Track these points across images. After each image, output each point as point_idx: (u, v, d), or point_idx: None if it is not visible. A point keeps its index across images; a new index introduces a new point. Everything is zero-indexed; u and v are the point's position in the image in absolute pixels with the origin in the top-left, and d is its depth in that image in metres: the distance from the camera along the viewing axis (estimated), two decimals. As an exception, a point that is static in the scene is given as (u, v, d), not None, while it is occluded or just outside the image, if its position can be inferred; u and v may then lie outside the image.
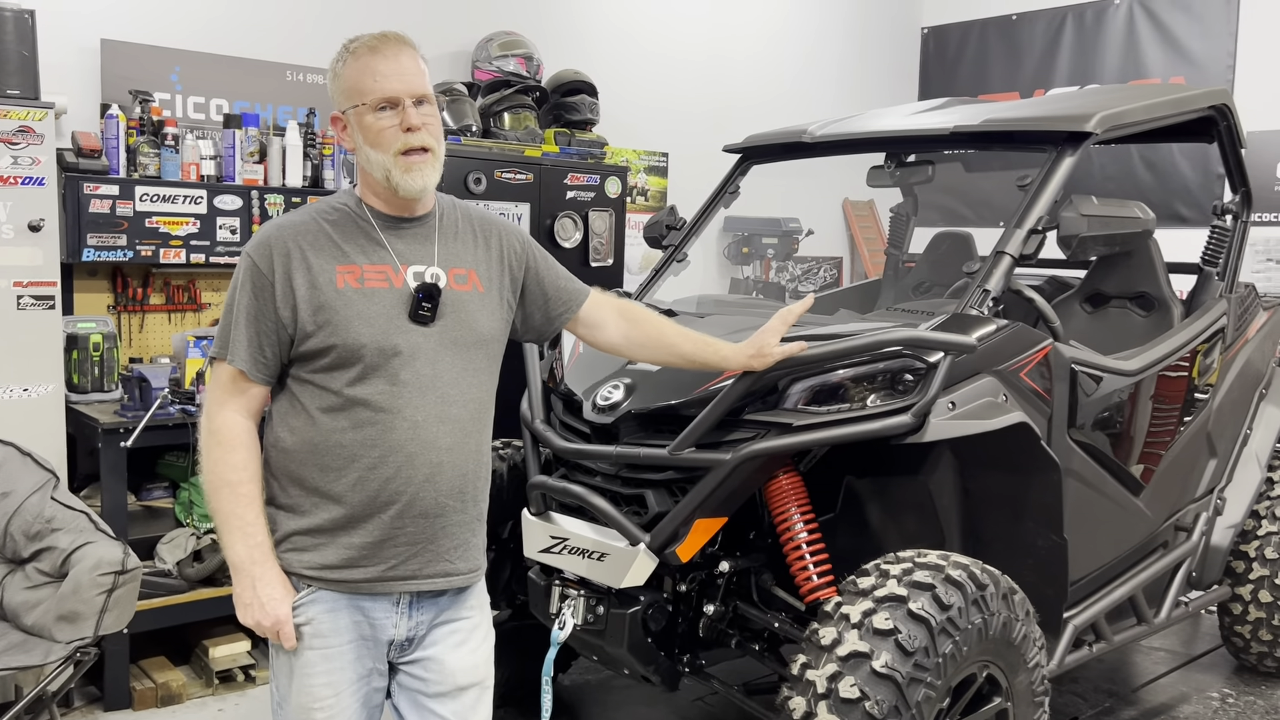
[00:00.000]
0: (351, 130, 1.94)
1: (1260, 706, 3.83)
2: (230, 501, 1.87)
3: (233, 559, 1.87)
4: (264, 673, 4.12)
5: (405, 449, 1.89)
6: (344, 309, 1.87)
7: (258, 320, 1.88)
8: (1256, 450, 3.87)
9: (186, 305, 4.44)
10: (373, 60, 1.90)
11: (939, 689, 2.28)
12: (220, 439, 1.89)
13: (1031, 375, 2.80)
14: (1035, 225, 2.88)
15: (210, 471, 1.89)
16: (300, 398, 1.91)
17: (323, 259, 1.90)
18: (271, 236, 1.92)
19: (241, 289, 1.90)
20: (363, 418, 1.88)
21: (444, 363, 1.93)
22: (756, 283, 6.44)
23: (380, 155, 1.89)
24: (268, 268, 1.88)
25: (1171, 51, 6.38)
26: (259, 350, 1.89)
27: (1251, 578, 3.83)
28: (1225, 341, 3.67)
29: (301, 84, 4.69)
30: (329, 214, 1.97)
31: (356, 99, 1.90)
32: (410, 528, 1.92)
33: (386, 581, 1.93)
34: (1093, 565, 3.11)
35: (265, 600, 1.86)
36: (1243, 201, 3.82)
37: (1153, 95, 3.38)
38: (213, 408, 1.92)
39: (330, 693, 1.92)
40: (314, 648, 1.91)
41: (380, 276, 1.91)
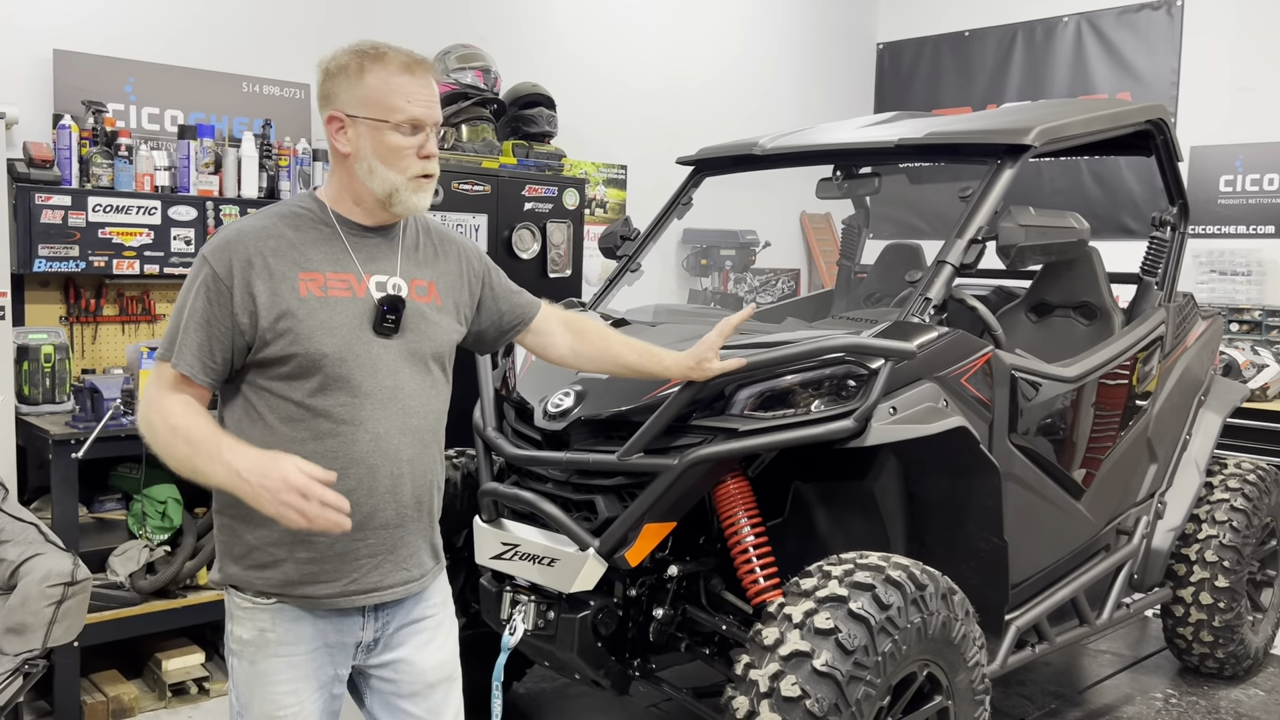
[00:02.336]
0: (356, 137, 1.88)
1: (1202, 706, 3.91)
2: (185, 442, 1.75)
3: (220, 480, 1.73)
4: (218, 685, 4.10)
5: (367, 461, 1.87)
6: (306, 318, 1.84)
7: (209, 325, 1.83)
8: (1195, 455, 3.97)
9: (140, 316, 4.42)
10: (406, 81, 1.88)
11: (879, 687, 2.33)
12: (156, 407, 1.81)
13: (972, 381, 2.87)
14: (975, 235, 2.96)
15: (160, 442, 1.78)
16: (256, 406, 1.88)
17: (284, 265, 1.86)
18: (232, 241, 1.86)
19: (196, 293, 1.85)
20: (324, 429, 1.85)
21: (404, 374, 1.92)
22: (714, 294, 6.51)
23: (391, 174, 1.88)
24: (226, 273, 1.83)
25: (1118, 68, 6.54)
26: (209, 355, 1.84)
27: (1192, 580, 3.92)
28: (1164, 349, 3.77)
29: (258, 95, 4.69)
30: (291, 219, 1.92)
31: (379, 113, 1.86)
32: (371, 539, 1.90)
33: (349, 596, 1.91)
34: (1035, 568, 3.19)
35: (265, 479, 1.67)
36: (1180, 213, 3.93)
37: (1091, 110, 3.48)
38: (149, 395, 1.86)
39: (294, 700, 1.91)
40: (279, 655, 1.90)
41: (344, 285, 1.89)
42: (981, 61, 7.17)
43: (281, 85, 4.76)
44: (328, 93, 1.91)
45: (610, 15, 6.25)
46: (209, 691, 4.06)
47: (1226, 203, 6.07)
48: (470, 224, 4.85)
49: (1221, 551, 3.90)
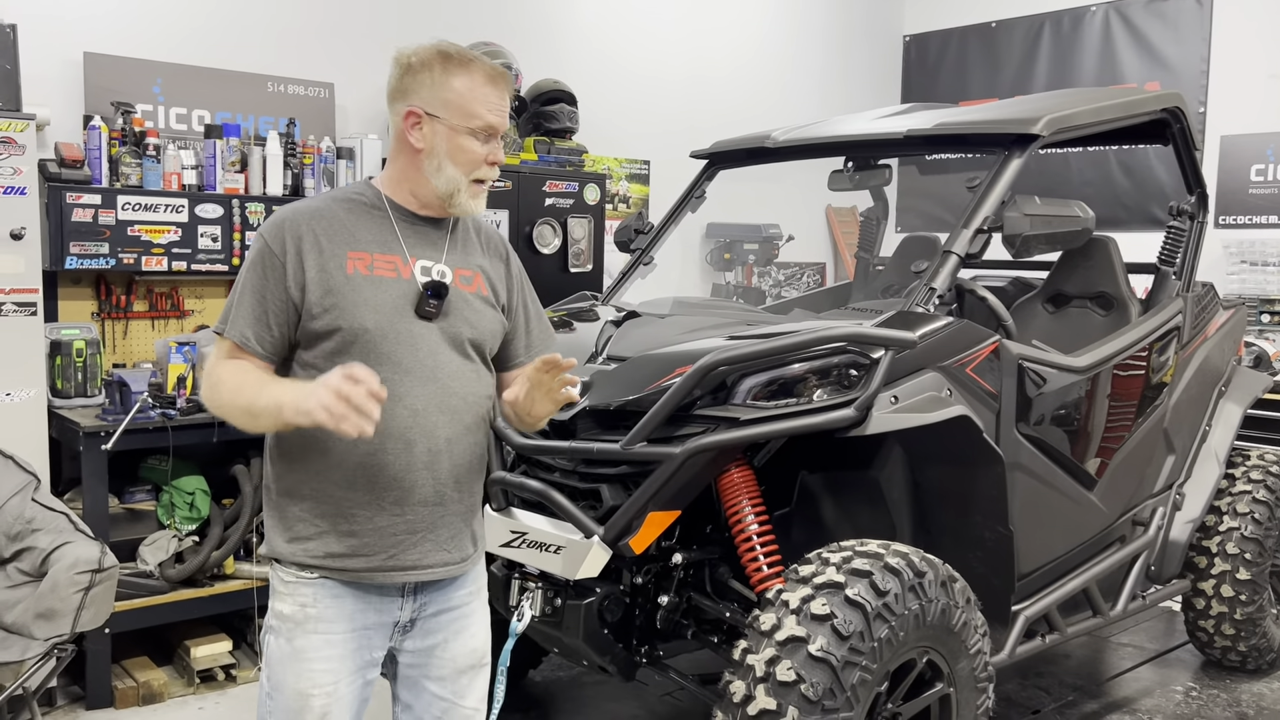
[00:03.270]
0: (432, 135, 1.95)
1: (1223, 700, 3.88)
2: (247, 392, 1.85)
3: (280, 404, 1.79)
4: (245, 672, 4.19)
5: (404, 435, 1.92)
6: (351, 294, 1.91)
7: (264, 298, 1.91)
8: (1215, 447, 3.94)
9: (169, 312, 4.53)
10: (490, 91, 1.96)
11: (875, 673, 2.35)
12: (216, 376, 1.91)
13: (978, 371, 2.88)
14: (981, 225, 2.96)
15: (228, 401, 1.87)
16: (298, 376, 1.94)
17: (335, 243, 1.94)
18: (286, 218, 1.96)
19: (251, 268, 1.93)
20: None
21: (443, 355, 1.98)
22: (738, 288, 6.52)
23: (457, 173, 1.96)
24: (279, 248, 1.92)
25: (1147, 57, 6.46)
26: (264, 325, 1.91)
27: (1214, 573, 3.88)
28: (1181, 339, 3.74)
29: (282, 95, 4.79)
30: (345, 202, 2.01)
31: (459, 117, 1.94)
32: (410, 515, 1.95)
33: (388, 571, 1.96)
34: (1045, 558, 3.18)
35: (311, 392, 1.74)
36: (1198, 203, 3.89)
37: (1103, 99, 3.46)
38: (210, 364, 1.95)
39: (330, 679, 1.94)
40: (318, 632, 1.94)
41: (389, 266, 1.96)
42: (1009, 53, 7.11)
43: (306, 85, 4.84)
44: (406, 87, 1.97)
45: (632, 10, 6.29)
46: (236, 679, 4.15)
47: (1258, 192, 5.97)
48: (491, 219, 4.91)
49: (1243, 544, 3.86)
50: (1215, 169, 6.12)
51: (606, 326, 3.26)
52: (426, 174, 1.97)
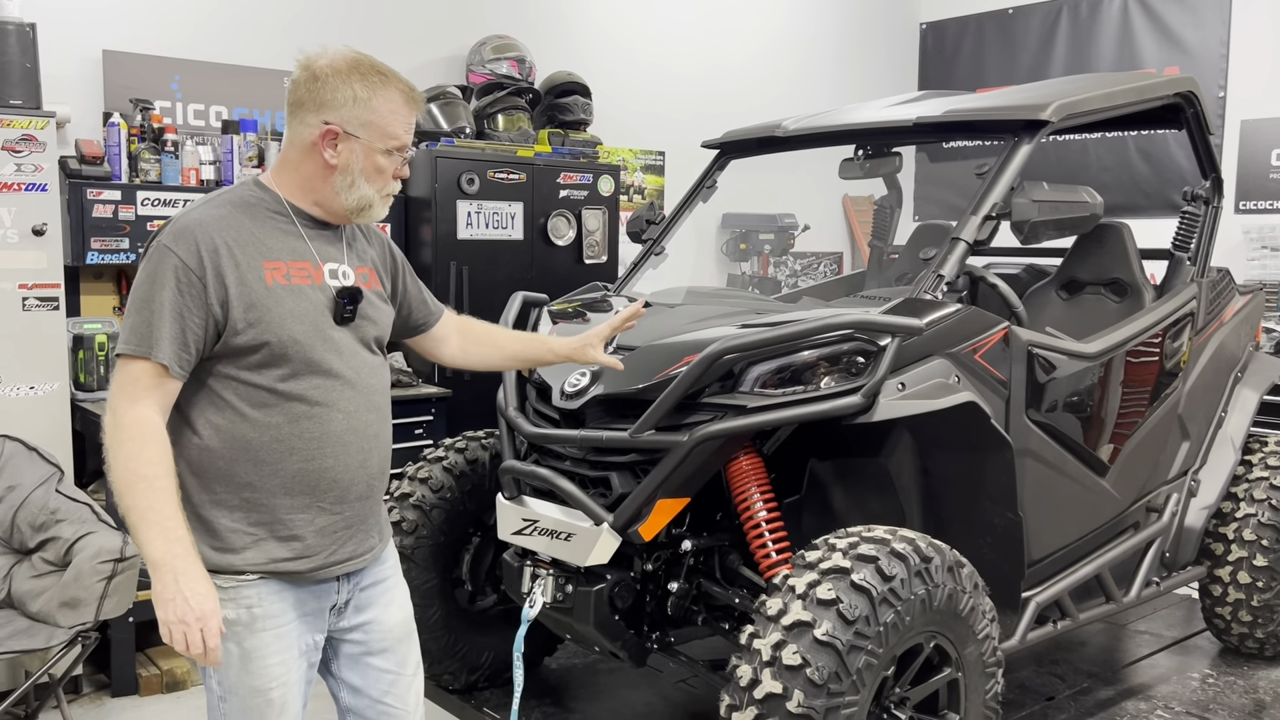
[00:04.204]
0: (348, 154, 1.93)
1: (1240, 686, 3.86)
2: (147, 496, 1.80)
3: (152, 555, 1.80)
4: (266, 659, 4.25)
5: (342, 439, 1.97)
6: (275, 306, 1.89)
7: (183, 316, 1.84)
8: (1231, 433, 3.91)
9: (189, 306, 4.59)
10: (407, 111, 1.97)
11: (881, 657, 2.37)
12: (132, 434, 1.82)
13: (987, 357, 2.88)
14: (990, 212, 2.96)
15: (122, 468, 1.81)
16: (223, 394, 1.91)
17: (248, 254, 1.90)
18: (194, 229, 1.87)
19: (162, 284, 1.84)
20: (298, 412, 1.92)
21: (361, 356, 2.02)
22: (753, 278, 6.53)
23: (369, 189, 1.96)
24: (195, 263, 1.85)
25: (1166, 42, 6.41)
26: (184, 346, 1.85)
27: (1230, 559, 3.86)
28: (1196, 325, 3.72)
29: (298, 90, 4.83)
30: (245, 208, 1.95)
31: (378, 138, 1.94)
32: (348, 512, 2.00)
33: (330, 567, 2.00)
34: (1056, 544, 3.18)
35: (190, 595, 1.79)
36: (1213, 188, 3.87)
37: (1114, 84, 3.44)
38: (122, 404, 1.84)
39: (283, 670, 1.97)
40: (267, 629, 1.95)
41: (303, 274, 1.95)
42: (1025, 39, 7.07)
43: (322, 80, 4.88)
44: (322, 99, 1.92)
45: (648, 1, 6.29)
46: (257, 666, 4.22)
47: (1279, 177, 5.91)
48: (506, 212, 4.94)
49: (1260, 530, 3.84)
50: (1235, 154, 6.07)
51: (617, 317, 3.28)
52: (337, 189, 1.95)
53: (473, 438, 3.53)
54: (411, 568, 3.29)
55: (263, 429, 1.91)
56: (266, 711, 1.96)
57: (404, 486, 3.38)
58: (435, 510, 3.34)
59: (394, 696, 2.16)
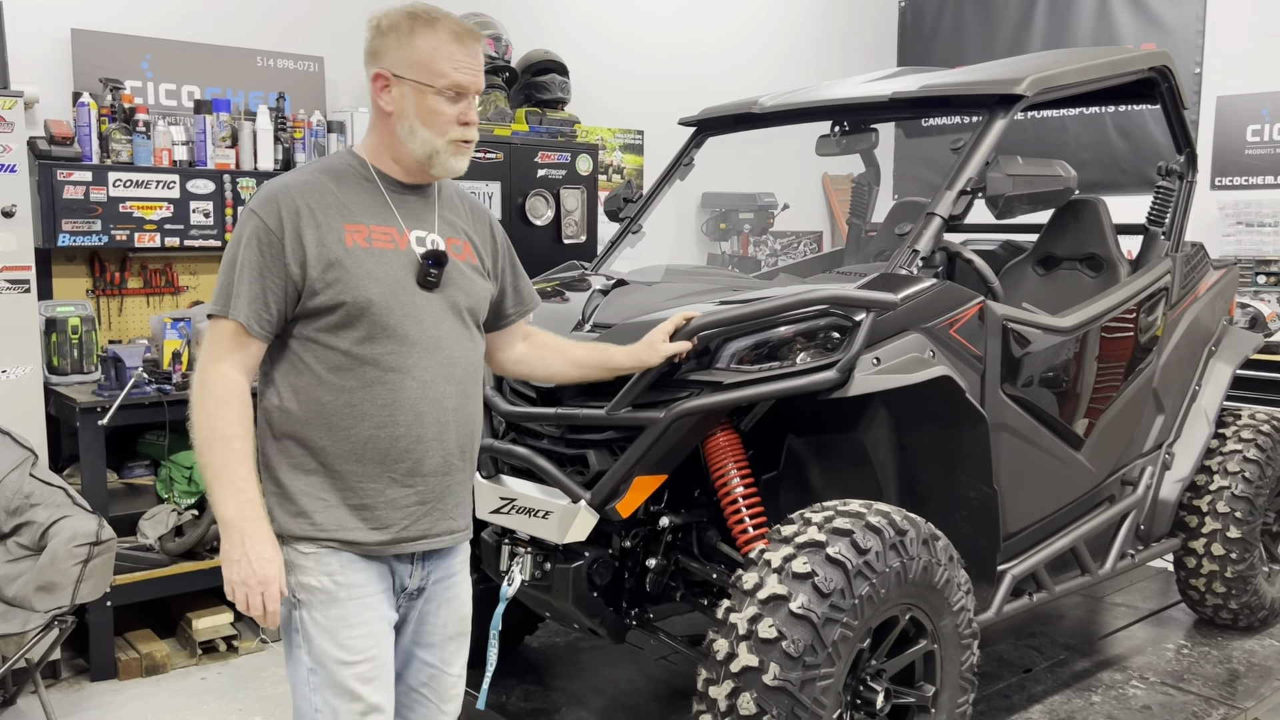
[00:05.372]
0: (400, 97, 1.93)
1: (1214, 657, 3.91)
2: (224, 456, 1.82)
3: (223, 514, 1.83)
4: (246, 643, 4.25)
5: (415, 408, 1.92)
6: (354, 267, 1.88)
7: (263, 276, 1.87)
8: (1205, 406, 3.94)
9: (164, 289, 4.56)
10: (454, 48, 1.93)
11: (856, 629, 2.38)
12: (214, 393, 1.85)
13: (962, 332, 2.89)
14: (965, 187, 2.96)
15: (202, 425, 1.85)
16: (303, 357, 1.91)
17: (330, 216, 1.90)
18: (278, 193, 1.90)
19: (246, 245, 1.88)
20: (371, 376, 1.90)
21: (446, 325, 1.98)
22: (733, 257, 6.53)
23: (431, 135, 1.93)
24: (276, 224, 1.87)
25: (1143, 19, 6.42)
26: (264, 306, 1.87)
27: (1204, 531, 3.90)
28: (1170, 299, 3.74)
29: (272, 69, 4.79)
30: (332, 174, 1.97)
31: (424, 76, 1.91)
32: (420, 486, 1.95)
33: (400, 543, 1.96)
34: (1031, 517, 3.20)
35: (254, 558, 1.81)
36: (1187, 163, 3.88)
37: (1089, 58, 3.44)
38: (207, 362, 1.88)
39: (371, 644, 1.94)
40: (353, 598, 1.92)
41: (386, 238, 1.94)
42: (1004, 16, 7.07)
43: (295, 59, 4.84)
44: (375, 50, 1.95)
45: (624, -20, 6.26)
46: (237, 649, 4.21)
47: (1254, 153, 5.95)
48: (483, 191, 4.91)
49: (1233, 503, 3.87)
50: (1211, 130, 6.10)
51: (594, 295, 3.27)
52: (401, 138, 1.95)
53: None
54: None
55: (337, 392, 1.90)
56: (355, 685, 1.92)
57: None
58: (413, 490, 3.33)
59: (431, 690, 2.13)
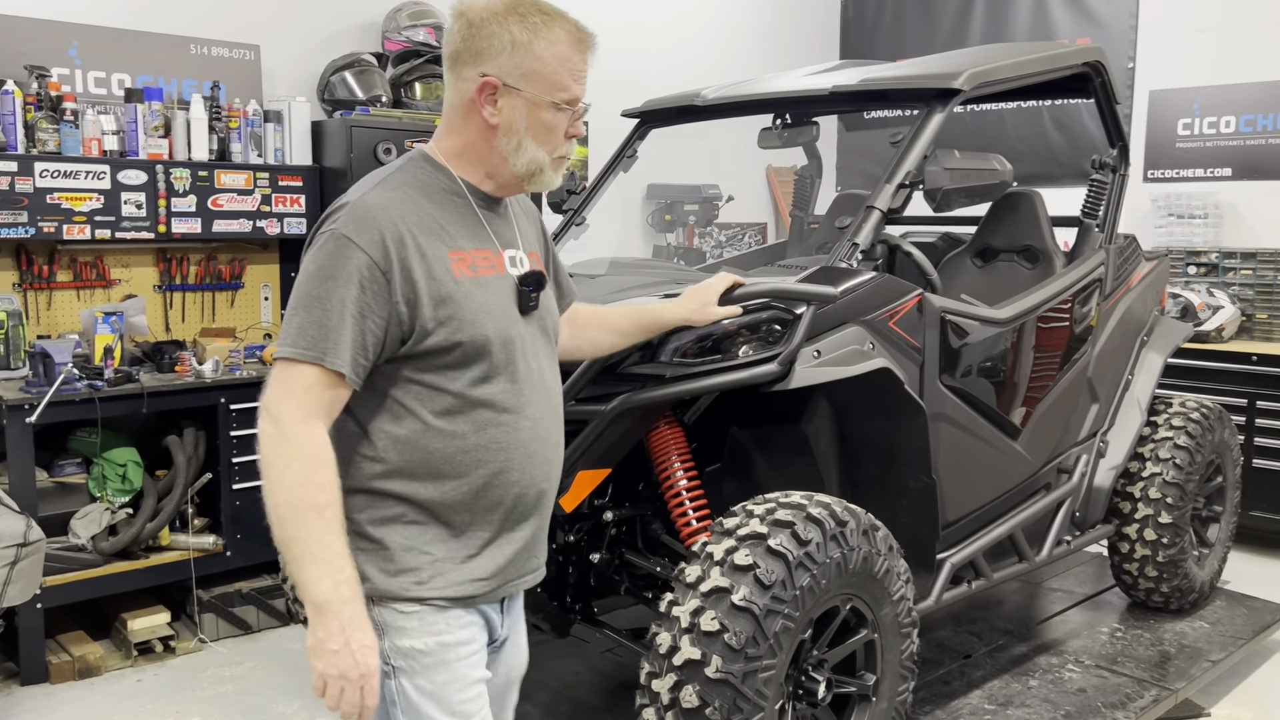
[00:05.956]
0: (510, 110, 1.70)
1: (1146, 639, 4.00)
2: (316, 529, 1.57)
3: (315, 597, 1.57)
4: (184, 643, 4.18)
5: (528, 448, 1.75)
6: (466, 302, 1.67)
7: (363, 317, 1.61)
8: (1138, 395, 4.03)
9: (95, 282, 4.44)
10: (576, 56, 1.75)
11: (798, 620, 2.40)
12: (303, 452, 1.59)
13: (901, 324, 2.92)
14: (903, 180, 2.99)
15: (288, 492, 1.58)
16: (405, 403, 1.69)
17: (433, 243, 1.67)
18: (376, 217, 1.64)
19: (344, 280, 1.60)
20: (485, 419, 1.71)
21: (543, 353, 1.82)
22: (679, 249, 6.53)
23: (540, 152, 1.73)
24: (380, 255, 1.61)
25: (1079, 14, 6.53)
26: (362, 351, 1.63)
27: (1137, 517, 3.99)
28: (1104, 290, 3.82)
29: (206, 57, 4.68)
30: (421, 188, 1.72)
31: (543, 90, 1.71)
32: (524, 530, 1.80)
33: (508, 584, 1.80)
34: (970, 506, 3.25)
35: (357, 648, 1.59)
36: (1119, 156, 3.96)
37: (1024, 53, 3.49)
38: (290, 415, 1.60)
39: (481, 705, 1.78)
40: (460, 659, 1.74)
41: (487, 263, 1.73)
42: (944, 10, 7.15)
43: (230, 46, 4.74)
44: (478, 51, 1.70)
45: (567, -30, 6.21)
46: (175, 650, 4.13)
47: (1184, 146, 6.09)
48: (425, 183, 4.85)
49: (1165, 488, 3.97)
50: (1144, 124, 6.23)
51: (537, 287, 3.25)
52: (504, 153, 1.72)
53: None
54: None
55: (447, 439, 1.69)
56: None
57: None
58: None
59: None
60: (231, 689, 3.88)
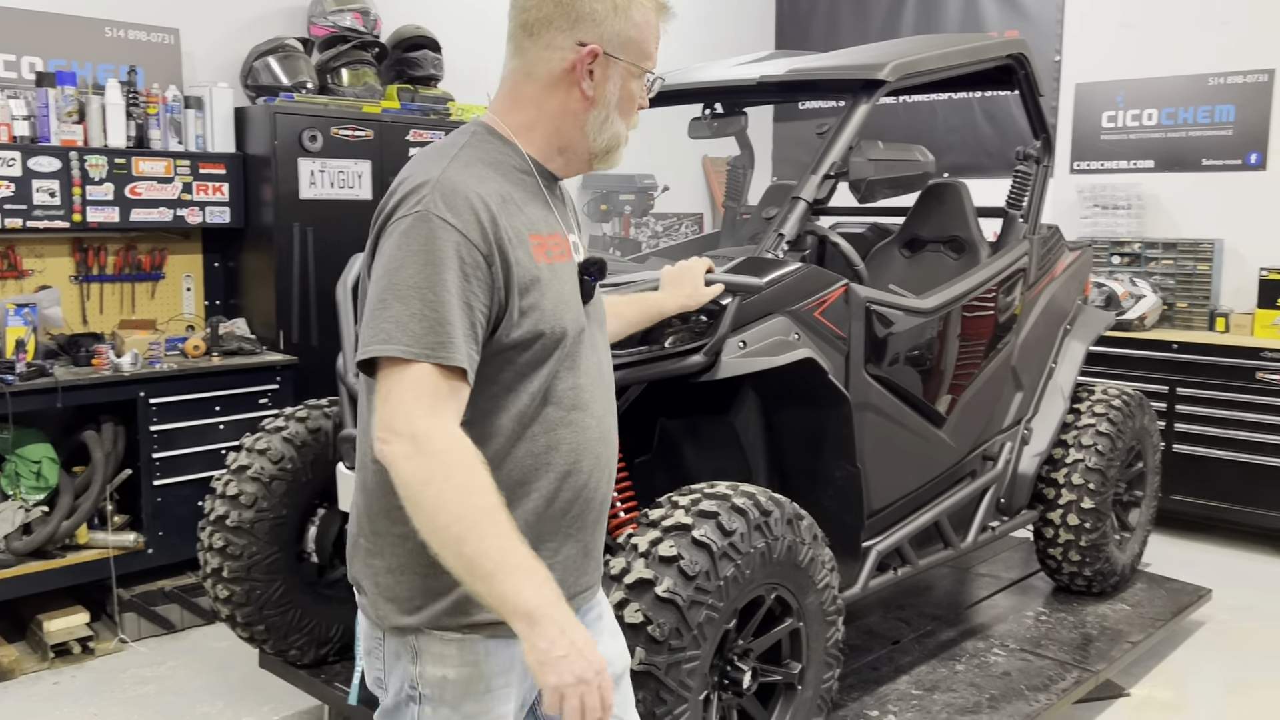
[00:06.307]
0: (604, 81, 1.59)
1: (1070, 622, 4.09)
2: (497, 536, 1.41)
3: (525, 607, 1.40)
4: (103, 644, 4.07)
5: (594, 449, 1.63)
6: (548, 290, 1.54)
7: (470, 307, 1.46)
8: (1061, 383, 4.10)
9: (7, 273, 4.29)
10: (659, 22, 1.65)
11: (722, 611, 2.40)
12: (456, 458, 1.41)
13: (827, 314, 2.93)
14: (829, 171, 3.00)
15: (457, 504, 1.40)
16: (474, 402, 1.51)
17: (516, 224, 1.52)
18: (469, 196, 1.48)
19: (444, 265, 1.43)
20: (555, 419, 1.57)
21: (600, 345, 1.70)
22: (615, 239, 6.51)
23: (621, 126, 1.63)
24: (480, 237, 1.46)
25: (1007, 7, 6.62)
26: (475, 343, 1.46)
27: (1060, 503, 4.07)
28: (1028, 280, 3.88)
29: (123, 40, 4.54)
30: (495, 166, 1.57)
31: (637, 58, 1.61)
32: (587, 537, 1.67)
33: (573, 599, 1.65)
34: (895, 494, 3.28)
35: (583, 647, 1.43)
36: (1043, 147, 4.02)
37: (949, 45, 3.53)
38: (423, 424, 1.41)
39: None
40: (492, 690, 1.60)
41: (559, 248, 1.60)
42: (877, 2, 7.20)
43: (149, 30, 4.60)
44: (577, 15, 1.56)
45: (499, -44, 6.13)
46: (93, 651, 4.02)
47: (1109, 138, 6.21)
48: (352, 170, 4.77)
49: (1087, 474, 4.05)
50: (1070, 116, 6.34)
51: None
52: (588, 129, 1.61)
53: (315, 406, 3.42)
54: (252, 542, 3.18)
55: (517, 443, 1.55)
56: None
57: (241, 459, 3.24)
58: (276, 482, 3.22)
59: None
60: (153, 690, 3.78)
